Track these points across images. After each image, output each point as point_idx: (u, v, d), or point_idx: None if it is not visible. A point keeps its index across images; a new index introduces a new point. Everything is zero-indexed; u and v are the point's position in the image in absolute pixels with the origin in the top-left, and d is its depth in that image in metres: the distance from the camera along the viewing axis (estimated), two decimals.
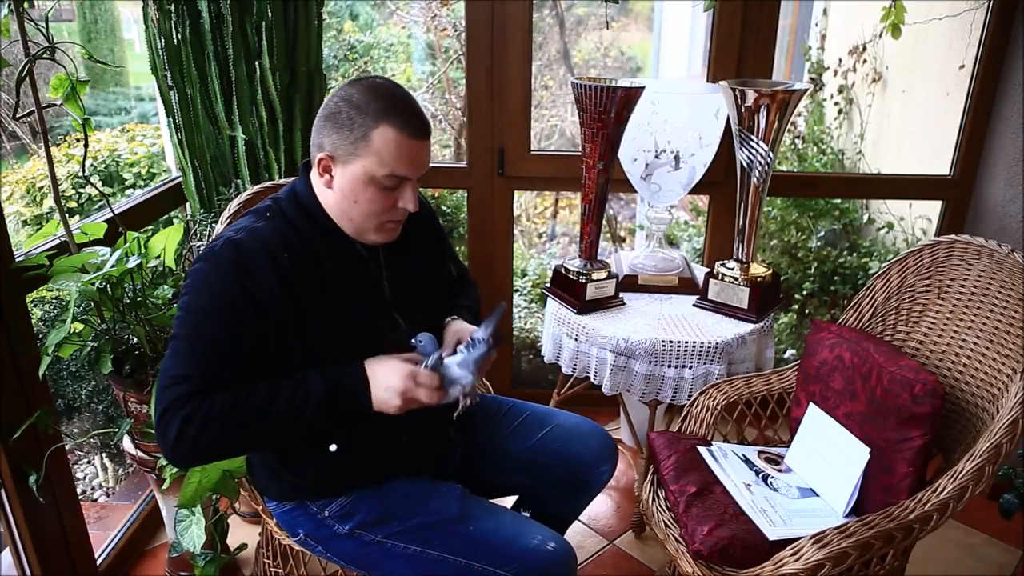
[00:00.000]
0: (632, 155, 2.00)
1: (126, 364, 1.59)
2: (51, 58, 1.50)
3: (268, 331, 1.17)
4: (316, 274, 1.22)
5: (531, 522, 1.33)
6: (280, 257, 1.18)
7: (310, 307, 1.20)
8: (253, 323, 1.16)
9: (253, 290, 1.15)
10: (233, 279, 1.15)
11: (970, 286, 1.54)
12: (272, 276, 1.16)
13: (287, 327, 1.18)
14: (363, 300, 1.27)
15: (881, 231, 3.04)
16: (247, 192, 1.63)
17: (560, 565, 1.26)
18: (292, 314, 1.18)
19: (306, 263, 1.21)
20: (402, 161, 1.17)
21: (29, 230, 2.89)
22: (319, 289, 1.21)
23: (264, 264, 1.16)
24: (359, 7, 4.09)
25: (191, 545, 1.52)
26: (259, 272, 1.16)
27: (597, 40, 4.62)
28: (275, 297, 1.16)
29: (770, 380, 1.74)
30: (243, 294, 1.15)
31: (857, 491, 1.41)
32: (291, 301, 1.18)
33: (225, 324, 1.15)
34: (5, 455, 1.48)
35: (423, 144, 1.19)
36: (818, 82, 3.64)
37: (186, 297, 1.17)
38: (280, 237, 1.20)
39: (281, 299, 1.17)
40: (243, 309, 1.15)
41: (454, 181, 2.43)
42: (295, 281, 1.18)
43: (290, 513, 1.38)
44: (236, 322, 1.15)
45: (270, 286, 1.16)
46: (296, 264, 1.19)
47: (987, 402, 1.43)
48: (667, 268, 2.11)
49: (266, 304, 1.16)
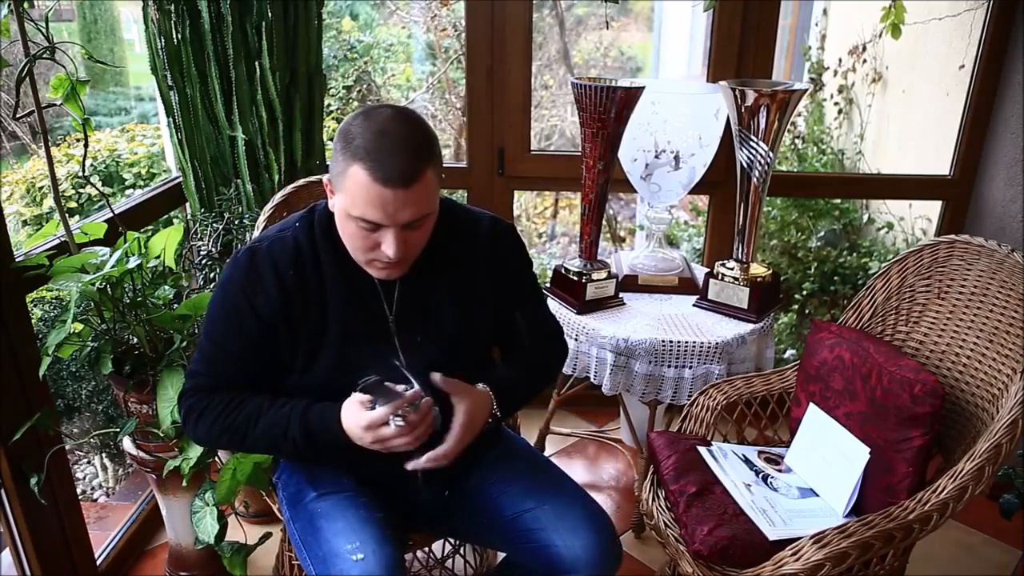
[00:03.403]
0: (632, 155, 2.00)
1: (126, 364, 1.59)
2: (51, 58, 1.50)
3: (266, 338, 1.23)
4: (318, 297, 1.23)
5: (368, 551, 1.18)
6: (286, 275, 1.21)
7: (304, 328, 1.23)
8: (254, 330, 1.22)
9: (254, 300, 1.21)
10: (240, 289, 1.22)
11: (970, 286, 1.54)
12: (273, 290, 1.21)
13: (280, 339, 1.23)
14: (356, 330, 1.24)
15: (881, 231, 3.04)
16: (281, 193, 1.71)
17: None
18: (285, 329, 1.23)
19: (311, 283, 1.23)
20: (370, 206, 1.08)
21: (29, 230, 2.90)
22: (317, 312, 1.23)
23: (269, 277, 1.21)
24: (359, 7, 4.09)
25: (206, 536, 1.52)
26: (263, 284, 1.21)
27: (597, 40, 4.63)
28: (271, 310, 1.21)
29: (770, 380, 1.74)
30: (246, 303, 1.21)
31: (857, 491, 1.41)
32: (286, 318, 1.22)
33: (230, 329, 1.24)
34: (5, 456, 1.48)
35: (397, 193, 1.07)
36: (818, 82, 3.63)
37: (212, 296, 1.28)
38: (296, 250, 1.23)
39: (278, 314, 1.21)
40: (246, 318, 1.22)
41: (454, 181, 2.43)
42: (295, 300, 1.22)
43: (278, 479, 1.42)
44: (239, 328, 1.23)
45: (269, 299, 1.21)
46: (301, 283, 1.22)
47: (987, 402, 1.43)
48: (667, 268, 2.11)
49: (262, 313, 1.21)
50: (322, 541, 1.22)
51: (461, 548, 1.70)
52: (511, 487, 1.33)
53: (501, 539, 1.35)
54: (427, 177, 1.10)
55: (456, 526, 1.43)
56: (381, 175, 1.06)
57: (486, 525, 1.35)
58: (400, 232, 1.12)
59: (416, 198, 1.09)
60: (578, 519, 1.26)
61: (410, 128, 1.11)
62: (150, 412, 1.59)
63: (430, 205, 1.14)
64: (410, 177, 1.08)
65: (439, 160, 1.14)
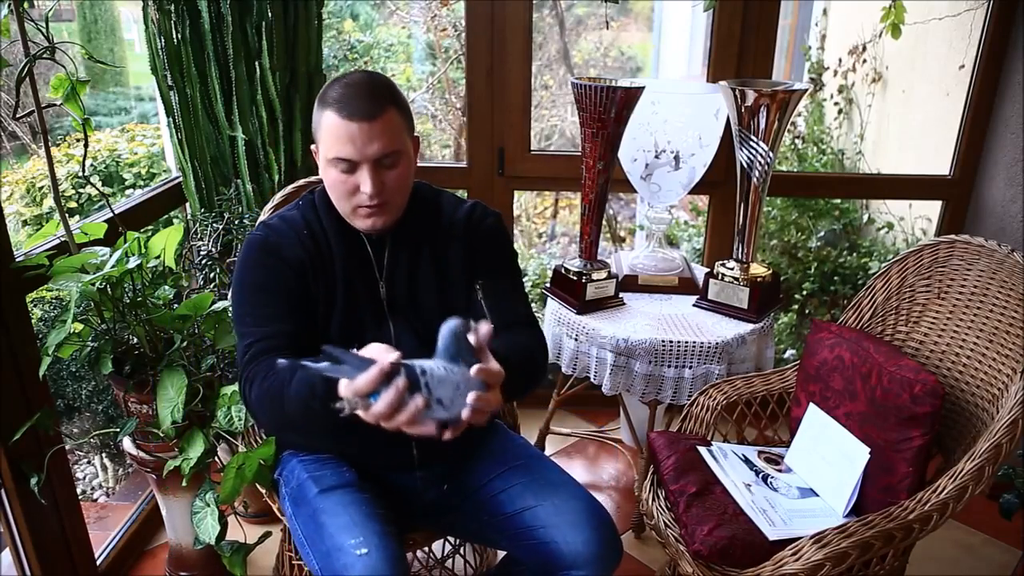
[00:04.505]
0: (632, 155, 2.00)
1: (126, 364, 1.59)
2: (51, 58, 1.50)
3: (299, 288, 1.29)
4: (328, 258, 1.32)
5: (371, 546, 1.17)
6: (301, 234, 1.31)
7: (321, 284, 1.31)
8: (291, 277, 1.28)
9: (280, 254, 1.29)
10: (264, 250, 1.30)
11: (970, 286, 1.54)
12: (296, 245, 1.30)
13: (309, 289, 1.30)
14: (357, 294, 1.33)
15: (881, 231, 3.04)
16: (281, 193, 1.74)
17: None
18: (312, 279, 1.30)
19: (322, 246, 1.32)
20: (340, 142, 1.20)
21: (29, 230, 2.90)
22: (329, 273, 1.31)
23: (289, 235, 1.31)
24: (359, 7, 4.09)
25: (207, 536, 1.52)
26: (285, 240, 1.30)
27: (597, 40, 4.62)
28: (298, 257, 1.29)
29: (770, 380, 1.74)
30: (272, 258, 1.29)
31: (857, 491, 1.41)
32: (311, 267, 1.30)
33: (265, 287, 1.29)
34: (5, 456, 1.48)
35: (362, 126, 1.19)
36: (818, 82, 3.63)
37: (233, 278, 1.32)
38: (304, 220, 1.33)
39: (304, 262, 1.30)
40: (279, 269, 1.29)
41: (454, 181, 2.43)
42: (313, 257, 1.31)
43: (280, 476, 1.42)
44: (276, 280, 1.28)
45: (295, 252, 1.30)
46: (315, 243, 1.31)
47: (987, 402, 1.43)
48: (667, 268, 2.11)
49: (291, 261, 1.29)
50: (325, 536, 1.22)
51: (461, 548, 1.70)
52: (511, 484, 1.34)
53: (501, 536, 1.35)
54: (391, 115, 1.22)
55: (456, 524, 1.44)
56: (346, 112, 1.19)
57: (486, 522, 1.35)
58: (375, 170, 1.22)
59: (381, 132, 1.20)
60: (579, 515, 1.26)
61: (373, 79, 1.24)
62: (150, 412, 1.59)
63: (397, 142, 1.23)
64: (373, 112, 1.20)
65: (404, 108, 1.26)
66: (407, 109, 1.28)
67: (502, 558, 1.50)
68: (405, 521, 1.40)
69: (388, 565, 1.16)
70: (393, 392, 1.00)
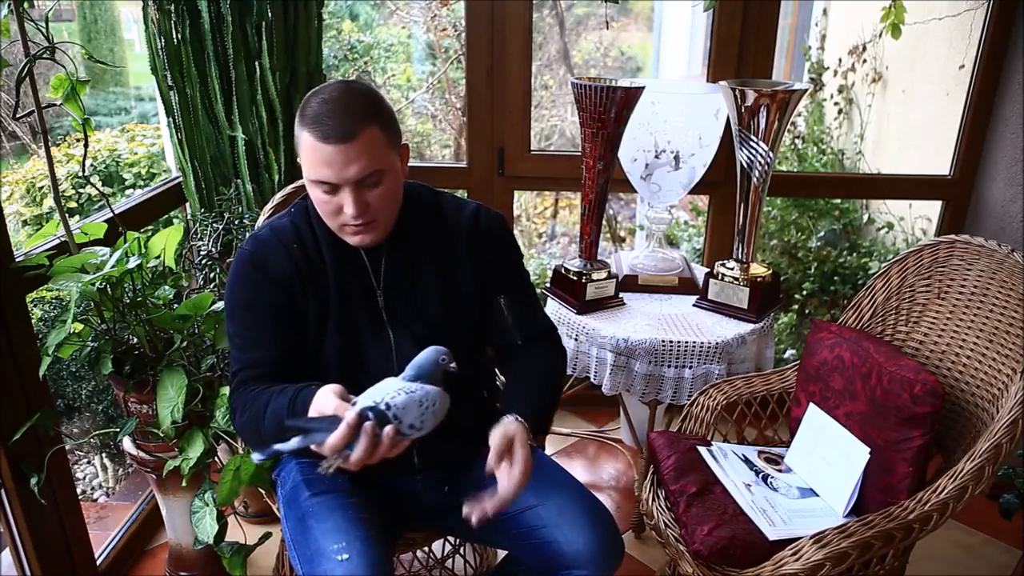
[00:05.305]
0: (632, 155, 2.00)
1: (126, 364, 1.59)
2: (51, 58, 1.50)
3: (288, 305, 1.27)
4: (320, 269, 1.28)
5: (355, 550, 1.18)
6: (290, 247, 1.28)
7: (312, 297, 1.28)
8: (275, 298, 1.26)
9: (266, 270, 1.26)
10: (252, 267, 1.27)
11: (970, 286, 1.54)
12: (283, 259, 1.27)
13: (298, 306, 1.27)
14: (353, 303, 1.29)
15: (881, 231, 3.04)
16: (281, 193, 1.73)
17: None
18: (300, 295, 1.27)
19: (313, 257, 1.28)
20: (317, 165, 1.16)
21: (29, 230, 2.90)
22: (322, 284, 1.28)
23: (276, 250, 1.27)
24: (359, 7, 4.09)
25: (205, 536, 1.52)
26: (272, 255, 1.27)
27: (597, 40, 4.63)
28: (285, 273, 1.26)
29: (770, 380, 1.74)
30: (259, 275, 1.26)
31: (857, 491, 1.41)
32: (299, 282, 1.27)
33: (253, 306, 1.27)
34: (5, 456, 1.48)
35: (338, 148, 1.14)
36: (818, 82, 3.64)
37: (226, 294, 1.30)
38: (295, 230, 1.29)
39: (291, 277, 1.26)
40: (264, 288, 1.26)
41: (454, 181, 2.43)
42: (303, 269, 1.27)
43: (278, 477, 1.42)
44: (262, 302, 1.26)
45: (281, 265, 1.27)
46: (305, 255, 1.28)
47: (987, 402, 1.43)
48: (667, 268, 2.11)
49: (278, 279, 1.26)
50: (310, 540, 1.22)
51: (461, 548, 1.70)
52: None
53: (502, 536, 1.34)
54: (369, 133, 1.15)
55: (456, 523, 1.43)
56: (321, 135, 1.14)
57: (487, 522, 1.35)
58: (357, 191, 1.18)
59: (359, 154, 1.15)
60: (580, 515, 1.26)
61: (352, 93, 1.18)
62: (150, 412, 1.59)
63: (378, 161, 1.18)
64: (348, 134, 1.14)
65: (386, 121, 1.19)
66: (390, 121, 1.22)
67: (502, 558, 1.50)
68: (405, 522, 1.40)
69: (369, 570, 1.16)
70: (365, 440, 1.05)
